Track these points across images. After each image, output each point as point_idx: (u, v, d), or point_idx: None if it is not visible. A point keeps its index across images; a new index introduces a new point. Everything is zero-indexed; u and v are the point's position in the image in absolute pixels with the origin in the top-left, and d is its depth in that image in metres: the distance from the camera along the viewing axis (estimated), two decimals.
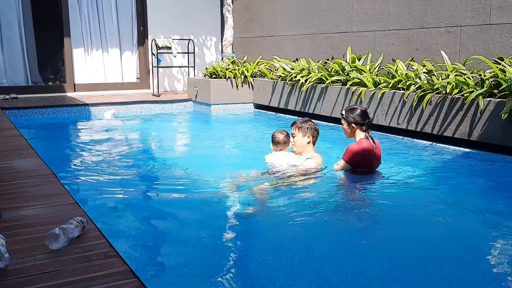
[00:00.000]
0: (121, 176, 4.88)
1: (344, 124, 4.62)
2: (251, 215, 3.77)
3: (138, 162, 5.52)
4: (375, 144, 4.55)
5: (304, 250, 3.15)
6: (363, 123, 4.52)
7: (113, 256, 2.52)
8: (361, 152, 4.45)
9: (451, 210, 3.96)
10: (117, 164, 5.30)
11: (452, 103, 5.96)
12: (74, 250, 2.59)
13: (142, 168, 5.29)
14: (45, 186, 3.79)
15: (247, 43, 11.34)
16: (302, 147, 4.74)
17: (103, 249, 2.61)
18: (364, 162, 4.51)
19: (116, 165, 5.28)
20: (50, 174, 4.13)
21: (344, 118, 4.59)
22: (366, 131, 4.54)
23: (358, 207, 4.04)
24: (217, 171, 5.04)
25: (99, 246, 2.65)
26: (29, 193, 3.57)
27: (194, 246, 3.15)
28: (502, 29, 6.20)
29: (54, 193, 3.60)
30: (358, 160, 4.48)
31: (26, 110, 8.61)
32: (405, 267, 2.94)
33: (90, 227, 2.89)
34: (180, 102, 10.18)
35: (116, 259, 2.49)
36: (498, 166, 5.31)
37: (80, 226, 2.77)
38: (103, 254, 2.55)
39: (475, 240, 3.35)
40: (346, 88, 7.52)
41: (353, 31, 8.41)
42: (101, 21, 11.17)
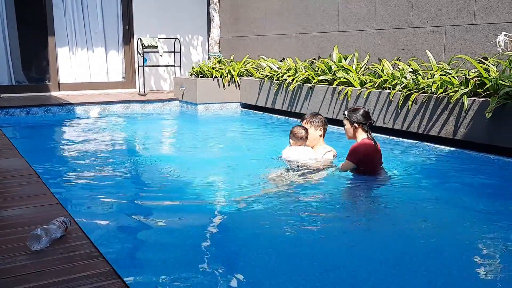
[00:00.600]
0: (105, 176, 4.85)
1: (347, 124, 4.67)
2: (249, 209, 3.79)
3: (123, 162, 5.49)
4: (376, 144, 4.63)
5: (294, 248, 3.17)
6: (365, 124, 4.58)
7: (96, 257, 2.51)
8: (364, 152, 4.52)
9: (435, 208, 3.99)
10: (102, 165, 5.27)
11: (437, 102, 6.01)
12: (56, 250, 2.58)
13: (127, 168, 5.26)
14: (28, 186, 3.76)
15: (233, 43, 11.34)
16: (315, 141, 4.99)
17: (87, 249, 2.60)
18: (368, 161, 4.57)
19: (100, 165, 5.25)
20: (33, 174, 4.10)
21: (347, 118, 4.65)
22: (367, 131, 4.60)
23: (347, 207, 4.06)
24: (203, 171, 5.04)
25: (82, 247, 2.63)
26: (12, 194, 3.54)
27: (179, 247, 3.14)
28: (486, 29, 6.27)
29: (37, 193, 3.57)
30: (362, 159, 4.54)
31: (9, 109, 8.53)
32: (390, 265, 2.96)
33: (73, 227, 2.88)
34: (166, 101, 10.15)
35: (99, 260, 2.48)
36: (482, 165, 5.36)
37: (63, 226, 2.75)
38: (86, 254, 2.54)
39: (460, 236, 3.38)
40: (333, 88, 7.55)
41: (340, 31, 8.45)
42: (86, 20, 11.09)
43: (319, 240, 3.29)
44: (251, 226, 3.58)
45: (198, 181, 4.64)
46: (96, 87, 11.23)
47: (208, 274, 2.77)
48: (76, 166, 5.28)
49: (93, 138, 6.88)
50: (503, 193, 4.48)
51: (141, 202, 4.28)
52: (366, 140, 4.56)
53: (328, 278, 2.78)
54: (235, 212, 3.82)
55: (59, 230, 2.72)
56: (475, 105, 5.61)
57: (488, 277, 2.83)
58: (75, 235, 2.78)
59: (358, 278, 2.80)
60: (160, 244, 3.21)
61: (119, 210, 3.88)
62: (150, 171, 5.23)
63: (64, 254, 2.55)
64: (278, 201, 4.01)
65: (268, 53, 10.13)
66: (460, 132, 5.77)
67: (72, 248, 2.62)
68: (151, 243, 3.30)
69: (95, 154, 5.77)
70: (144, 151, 6.29)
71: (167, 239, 3.28)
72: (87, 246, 2.65)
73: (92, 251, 2.57)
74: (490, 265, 2.97)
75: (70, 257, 2.51)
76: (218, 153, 6.05)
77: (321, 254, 3.09)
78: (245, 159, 5.65)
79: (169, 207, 3.92)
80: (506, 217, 3.78)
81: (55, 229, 2.70)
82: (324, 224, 3.58)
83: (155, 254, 3.03)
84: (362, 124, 4.57)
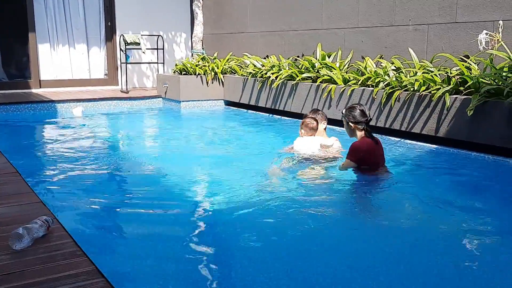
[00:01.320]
0: (88, 175, 4.81)
1: (344, 123, 4.69)
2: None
3: (106, 160, 5.46)
4: (377, 141, 4.62)
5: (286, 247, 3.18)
6: (361, 122, 4.56)
7: (79, 256, 2.50)
8: (363, 150, 4.50)
9: (419, 205, 4.04)
10: (84, 163, 5.23)
11: (420, 100, 6.07)
12: (39, 250, 2.56)
13: (110, 166, 5.23)
14: (9, 185, 3.72)
15: (217, 40, 11.31)
16: (320, 133, 5.32)
17: (69, 248, 2.59)
18: (368, 159, 4.55)
19: (83, 164, 5.20)
20: (14, 172, 4.06)
21: (343, 117, 4.66)
22: (365, 129, 4.58)
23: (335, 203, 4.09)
24: (188, 169, 5.04)
25: (65, 246, 2.62)
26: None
27: (164, 244, 3.13)
28: (468, 27, 6.34)
29: (19, 192, 3.54)
30: (361, 157, 4.51)
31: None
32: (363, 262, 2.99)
33: (56, 226, 2.86)
34: (149, 99, 10.09)
35: (82, 259, 2.46)
36: (463, 162, 5.43)
37: (45, 225, 2.74)
38: (69, 253, 2.52)
39: (442, 233, 3.43)
40: (316, 85, 7.58)
41: (323, 28, 8.48)
42: (67, 16, 10.97)
43: (316, 238, 3.31)
44: (241, 224, 3.58)
45: (183, 179, 4.63)
46: (78, 84, 11.13)
47: (196, 272, 2.77)
48: (58, 164, 5.23)
49: (75, 136, 6.82)
50: (484, 190, 4.54)
51: (124, 200, 4.26)
52: (365, 139, 4.55)
53: (327, 276, 2.81)
54: (220, 209, 3.83)
55: (41, 229, 2.70)
56: (456, 103, 5.68)
57: (471, 268, 2.87)
58: (58, 234, 2.77)
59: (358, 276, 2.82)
60: (144, 242, 3.20)
61: (102, 208, 3.86)
62: (133, 169, 5.21)
63: (46, 253, 2.53)
64: (273, 198, 4.02)
65: (252, 51, 10.13)
66: (442, 130, 5.83)
67: (55, 247, 2.60)
68: (135, 241, 3.29)
69: (77, 152, 5.72)
70: (127, 149, 6.26)
71: (151, 237, 3.27)
72: (70, 245, 2.63)
73: (75, 250, 2.56)
74: (469, 257, 3.03)
75: (53, 256, 2.50)
76: (203, 151, 6.04)
77: (317, 253, 3.12)
78: (229, 156, 5.66)
79: (153, 205, 3.90)
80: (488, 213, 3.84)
81: (37, 228, 2.68)
82: (316, 223, 3.60)
83: (139, 252, 3.02)
84: (358, 123, 4.55)
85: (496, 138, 5.31)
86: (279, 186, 4.36)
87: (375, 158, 4.61)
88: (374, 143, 4.57)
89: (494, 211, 3.94)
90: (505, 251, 3.17)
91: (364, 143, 4.53)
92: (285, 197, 4.05)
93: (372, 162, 4.59)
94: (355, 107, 4.63)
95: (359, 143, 4.56)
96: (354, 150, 4.53)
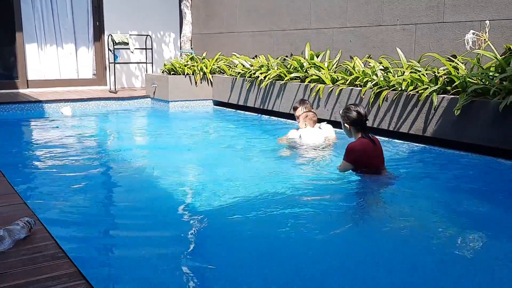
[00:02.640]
0: (73, 176, 4.75)
1: (342, 123, 4.67)
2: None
3: (92, 161, 5.41)
4: (375, 142, 4.54)
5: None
6: (357, 123, 4.51)
7: (61, 258, 2.46)
8: (358, 151, 4.43)
9: (406, 204, 4.03)
10: (70, 164, 5.18)
11: (408, 99, 6.08)
12: (20, 252, 2.52)
13: (96, 168, 5.18)
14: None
15: (206, 39, 11.28)
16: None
17: (51, 250, 2.55)
18: (364, 159, 4.47)
19: (68, 165, 5.15)
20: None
21: (341, 117, 4.64)
22: (362, 130, 4.53)
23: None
24: (177, 170, 5.00)
25: (46, 248, 2.58)
26: None
27: (147, 247, 3.09)
28: (455, 27, 6.36)
29: (2, 192, 3.50)
30: (357, 158, 4.45)
31: None
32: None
33: (38, 227, 2.82)
34: (138, 99, 10.04)
35: (64, 261, 2.43)
36: (451, 162, 5.44)
37: (27, 227, 2.70)
38: (51, 255, 2.49)
39: (430, 231, 3.43)
40: (305, 85, 7.57)
41: (312, 28, 8.48)
42: (55, 15, 10.88)
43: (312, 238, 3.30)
44: (235, 224, 3.55)
45: (171, 180, 4.58)
46: (66, 84, 11.04)
47: (181, 276, 2.74)
48: (43, 165, 5.18)
49: (62, 136, 6.76)
50: (472, 189, 4.55)
51: (110, 202, 4.22)
52: (362, 139, 4.49)
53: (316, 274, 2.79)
54: (208, 210, 3.79)
55: (23, 230, 2.66)
56: (444, 103, 5.69)
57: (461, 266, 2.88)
58: (40, 235, 2.73)
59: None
60: (129, 244, 3.17)
61: (86, 210, 3.81)
62: (120, 171, 5.16)
63: (28, 255, 2.49)
64: (267, 198, 4.01)
65: (241, 50, 10.11)
66: (430, 129, 5.85)
67: (37, 249, 2.57)
68: (118, 243, 3.25)
69: (63, 153, 5.66)
70: (115, 150, 6.20)
71: (135, 240, 3.23)
72: (52, 246, 2.60)
73: (57, 252, 2.52)
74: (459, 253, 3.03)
75: (34, 258, 2.46)
76: (191, 151, 6.00)
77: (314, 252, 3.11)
78: (218, 156, 5.63)
79: (138, 207, 3.86)
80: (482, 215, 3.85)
81: (19, 229, 2.64)
82: (312, 225, 3.59)
83: (122, 254, 2.99)
84: (354, 123, 4.51)
85: (483, 138, 5.33)
86: (274, 186, 4.34)
87: (371, 158, 4.52)
88: (371, 143, 4.50)
89: (484, 210, 3.95)
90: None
91: (360, 144, 4.48)
92: (280, 197, 4.04)
93: (368, 162, 4.51)
94: (351, 108, 4.57)
95: (354, 143, 4.52)
96: (349, 150, 4.48)
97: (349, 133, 4.63)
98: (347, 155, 4.50)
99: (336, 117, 7.01)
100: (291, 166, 5.07)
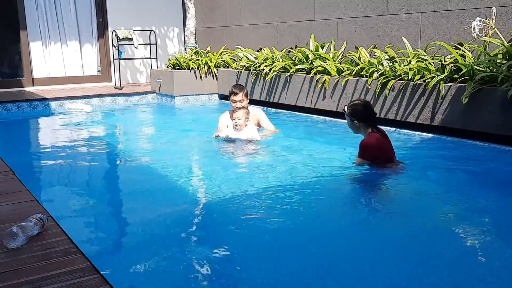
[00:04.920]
0: (82, 172, 4.79)
1: (348, 120, 4.51)
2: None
3: (100, 157, 5.44)
4: (383, 134, 4.48)
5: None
6: (367, 118, 4.41)
7: (74, 253, 2.49)
8: (373, 147, 4.37)
9: (417, 195, 4.03)
10: (78, 160, 5.20)
11: (414, 89, 6.06)
12: (33, 248, 2.55)
13: (104, 163, 5.21)
14: (3, 183, 3.71)
15: (210, 33, 11.27)
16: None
17: (64, 246, 2.57)
18: (380, 154, 4.42)
19: (77, 161, 5.18)
20: (8, 171, 4.04)
21: (347, 114, 4.49)
22: (371, 125, 4.44)
23: None
24: (184, 165, 5.01)
25: (59, 243, 2.60)
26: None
27: (160, 241, 3.11)
28: (461, 14, 6.32)
29: (13, 190, 3.52)
30: (373, 153, 4.39)
31: None
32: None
33: (51, 224, 2.84)
34: (143, 94, 10.06)
35: (77, 256, 2.45)
36: (460, 151, 5.42)
37: (40, 223, 2.72)
38: (63, 251, 2.51)
39: (440, 223, 3.42)
40: (310, 77, 7.56)
41: (316, 19, 8.45)
42: (58, 13, 10.91)
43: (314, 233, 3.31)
44: (240, 219, 3.56)
45: (180, 176, 4.57)
46: (71, 82, 11.07)
47: (190, 268, 2.75)
48: (52, 162, 5.20)
49: (69, 133, 6.79)
50: (486, 178, 4.51)
51: (119, 197, 4.24)
52: (373, 134, 4.39)
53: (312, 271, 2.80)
54: (218, 206, 3.80)
55: (36, 227, 2.69)
56: (451, 91, 5.67)
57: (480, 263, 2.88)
58: (52, 231, 2.75)
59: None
60: (139, 238, 3.18)
61: (96, 205, 3.83)
62: (128, 166, 5.18)
63: (41, 251, 2.52)
64: (277, 191, 4.02)
65: (245, 43, 10.09)
66: (438, 118, 5.83)
67: (49, 245, 2.59)
68: (130, 237, 3.27)
69: (71, 150, 5.69)
70: (122, 146, 6.23)
71: (146, 233, 3.25)
72: (65, 242, 2.62)
73: (70, 247, 2.55)
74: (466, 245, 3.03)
75: (47, 254, 2.48)
76: (199, 146, 6.01)
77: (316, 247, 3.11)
78: (223, 150, 5.64)
79: (148, 202, 3.87)
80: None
81: (32, 226, 2.67)
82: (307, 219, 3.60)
83: (135, 248, 3.01)
84: (363, 119, 4.40)
85: (491, 125, 5.31)
86: (281, 178, 4.34)
87: (384, 152, 4.45)
88: (382, 137, 4.43)
89: (495, 202, 3.90)
90: None
91: (373, 139, 4.38)
92: (289, 189, 4.05)
93: (383, 156, 4.46)
94: (357, 102, 4.49)
95: (368, 140, 4.39)
96: (365, 148, 4.39)
97: (358, 130, 4.52)
98: (362, 153, 4.42)
99: (343, 108, 6.99)
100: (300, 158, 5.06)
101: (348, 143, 5.29)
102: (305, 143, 5.80)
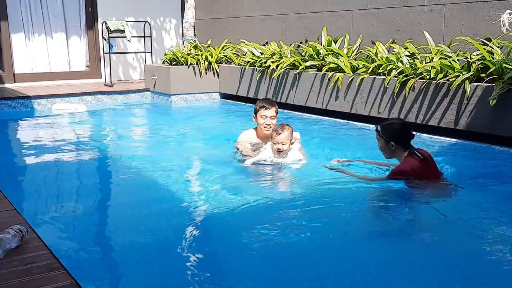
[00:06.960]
0: (67, 179, 4.82)
1: (381, 142, 4.35)
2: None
3: (87, 163, 5.47)
4: (425, 158, 4.26)
5: None
6: (404, 141, 4.25)
7: (57, 269, 2.52)
8: (407, 172, 4.21)
9: (441, 206, 4.04)
10: (63, 167, 5.25)
11: (437, 89, 6.08)
12: (12, 262, 2.58)
13: (91, 170, 5.24)
14: None
15: (210, 25, 11.32)
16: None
17: (46, 261, 2.61)
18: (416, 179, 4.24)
19: (61, 167, 5.22)
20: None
21: (380, 135, 4.32)
22: (409, 148, 4.26)
23: None
24: (179, 172, 5.03)
25: (41, 258, 2.64)
26: None
27: (147, 255, 3.13)
28: (490, 6, 6.34)
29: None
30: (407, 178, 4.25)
31: None
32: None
33: (31, 236, 2.88)
34: (136, 92, 10.12)
35: (60, 272, 2.49)
36: (487, 158, 5.42)
37: (19, 235, 2.75)
38: (45, 266, 2.54)
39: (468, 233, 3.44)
40: (322, 74, 7.59)
41: (329, 11, 8.48)
42: (43, 2, 10.98)
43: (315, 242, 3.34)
44: (235, 229, 3.60)
45: (171, 183, 4.61)
46: (57, 78, 11.14)
47: (185, 281, 2.79)
48: (34, 168, 5.24)
49: (54, 136, 6.83)
50: None
51: (106, 207, 4.27)
52: (409, 159, 4.22)
53: None
54: (212, 214, 3.84)
55: (15, 239, 2.72)
56: (478, 91, 5.69)
57: None
58: (33, 244, 2.79)
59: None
60: (126, 254, 3.21)
61: (82, 216, 3.86)
62: (116, 173, 5.21)
63: (21, 266, 2.55)
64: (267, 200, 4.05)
65: (250, 37, 10.13)
66: (462, 122, 5.84)
67: (30, 259, 2.62)
68: (116, 252, 3.30)
69: (56, 155, 5.73)
70: (111, 151, 6.25)
71: (133, 248, 3.27)
72: (47, 257, 2.65)
73: (52, 263, 2.58)
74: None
75: (28, 269, 2.52)
76: (196, 150, 6.04)
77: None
78: (224, 157, 5.66)
79: (137, 213, 3.90)
80: None
81: (10, 238, 2.70)
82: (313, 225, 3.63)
83: (121, 263, 3.04)
84: (400, 141, 4.23)
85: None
86: (286, 188, 4.37)
87: (423, 176, 4.25)
88: (422, 162, 4.21)
89: None
90: None
91: (408, 166, 4.21)
92: (299, 200, 4.10)
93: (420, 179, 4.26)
94: (393, 122, 4.36)
95: (403, 167, 4.24)
96: (397, 174, 4.26)
97: (392, 153, 4.34)
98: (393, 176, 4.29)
99: (357, 109, 7.03)
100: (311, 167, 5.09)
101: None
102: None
